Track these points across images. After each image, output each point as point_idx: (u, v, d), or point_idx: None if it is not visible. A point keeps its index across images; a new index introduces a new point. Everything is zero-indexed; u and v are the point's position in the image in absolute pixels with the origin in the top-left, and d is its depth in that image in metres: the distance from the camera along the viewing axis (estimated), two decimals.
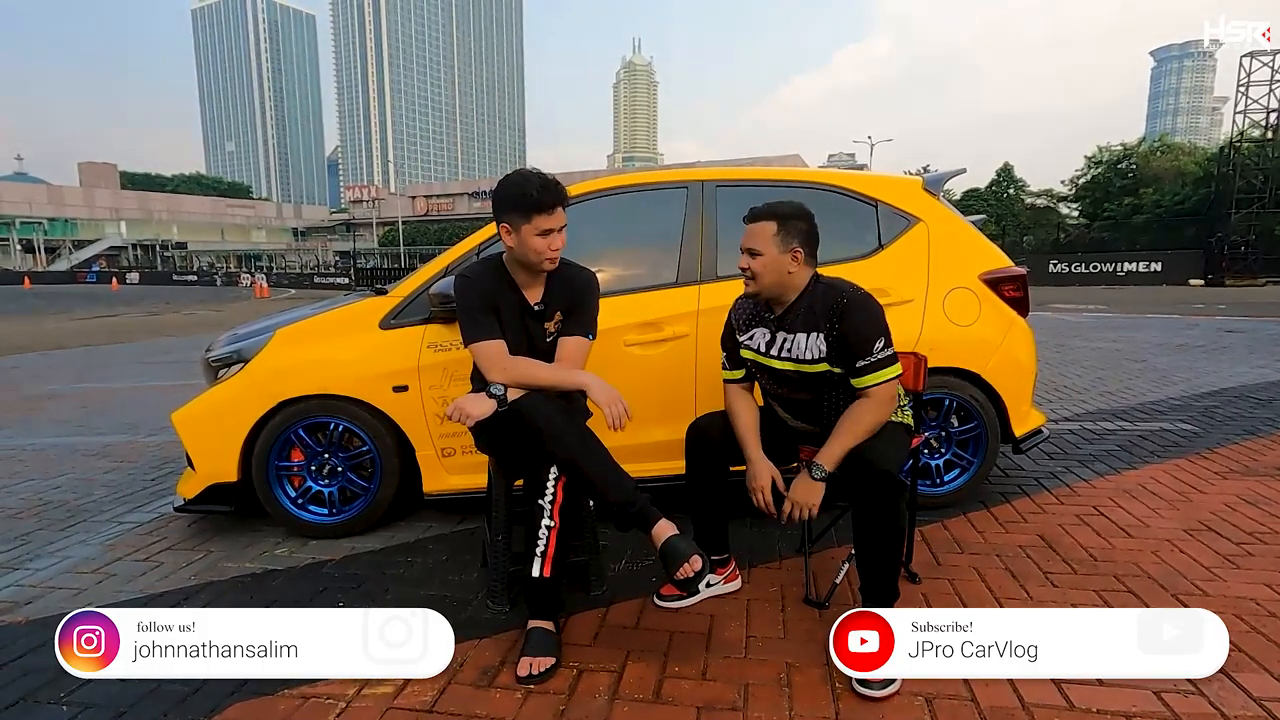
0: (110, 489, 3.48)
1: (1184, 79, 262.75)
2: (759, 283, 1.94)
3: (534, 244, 1.90)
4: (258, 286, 30.31)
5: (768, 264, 1.91)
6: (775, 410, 2.13)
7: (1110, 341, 8.36)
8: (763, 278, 1.93)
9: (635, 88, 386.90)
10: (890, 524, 1.78)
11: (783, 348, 1.98)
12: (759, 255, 1.91)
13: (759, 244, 1.92)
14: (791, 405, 2.06)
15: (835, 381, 1.95)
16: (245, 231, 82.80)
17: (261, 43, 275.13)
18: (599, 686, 1.74)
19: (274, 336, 2.74)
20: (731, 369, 2.14)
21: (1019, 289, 2.90)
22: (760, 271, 1.92)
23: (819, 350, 1.91)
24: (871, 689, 1.65)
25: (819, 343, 1.91)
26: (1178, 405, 4.75)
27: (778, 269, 1.92)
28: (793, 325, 1.96)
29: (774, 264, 1.91)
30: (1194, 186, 32.17)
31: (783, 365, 1.99)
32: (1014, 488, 3.13)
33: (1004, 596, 2.14)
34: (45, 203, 69.20)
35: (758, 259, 1.92)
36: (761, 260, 1.91)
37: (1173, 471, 3.32)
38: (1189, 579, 2.23)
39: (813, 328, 1.92)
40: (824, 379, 1.95)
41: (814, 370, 1.94)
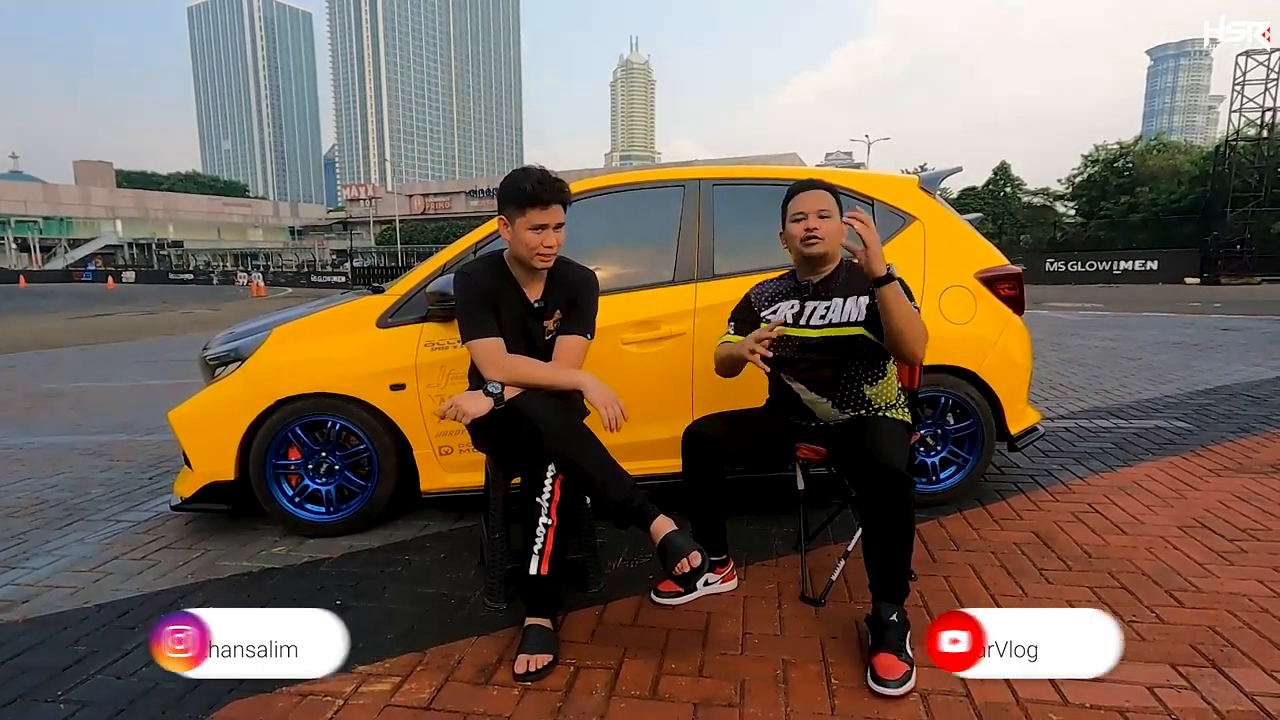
0: (107, 488, 3.47)
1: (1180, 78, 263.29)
2: (826, 244, 2.01)
3: (526, 238, 1.91)
4: (254, 285, 30.26)
5: (836, 228, 2.01)
6: (788, 390, 2.12)
7: (1106, 340, 8.39)
8: (831, 239, 2.01)
9: (633, 86, 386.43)
10: (900, 519, 1.78)
11: (814, 315, 2.05)
12: (829, 217, 2.00)
13: (829, 208, 2.01)
14: (809, 378, 2.07)
15: (859, 350, 2.01)
16: (242, 230, 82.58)
17: (258, 40, 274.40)
18: (596, 683, 1.74)
19: (271, 335, 2.74)
20: (734, 336, 2.14)
21: (1015, 287, 2.91)
22: (830, 233, 2.00)
23: (860, 312, 1.99)
24: (888, 687, 1.65)
25: (859, 304, 1.99)
26: (1173, 403, 4.77)
27: (839, 234, 2.02)
28: (830, 292, 2.04)
29: (838, 229, 2.01)
30: (1190, 185, 32.28)
31: (813, 333, 2.04)
32: (1009, 485, 3.15)
33: (999, 594, 2.15)
34: (40, 201, 68.95)
35: (828, 221, 2.00)
36: (831, 223, 2.00)
37: (1167, 469, 3.33)
38: (1183, 575, 2.24)
39: (855, 292, 2.01)
40: (850, 344, 2.01)
41: (847, 333, 2.00)
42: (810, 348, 2.05)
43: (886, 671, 1.67)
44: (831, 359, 2.03)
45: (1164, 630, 1.92)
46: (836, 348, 2.02)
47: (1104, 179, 38.11)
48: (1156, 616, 1.99)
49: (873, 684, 1.67)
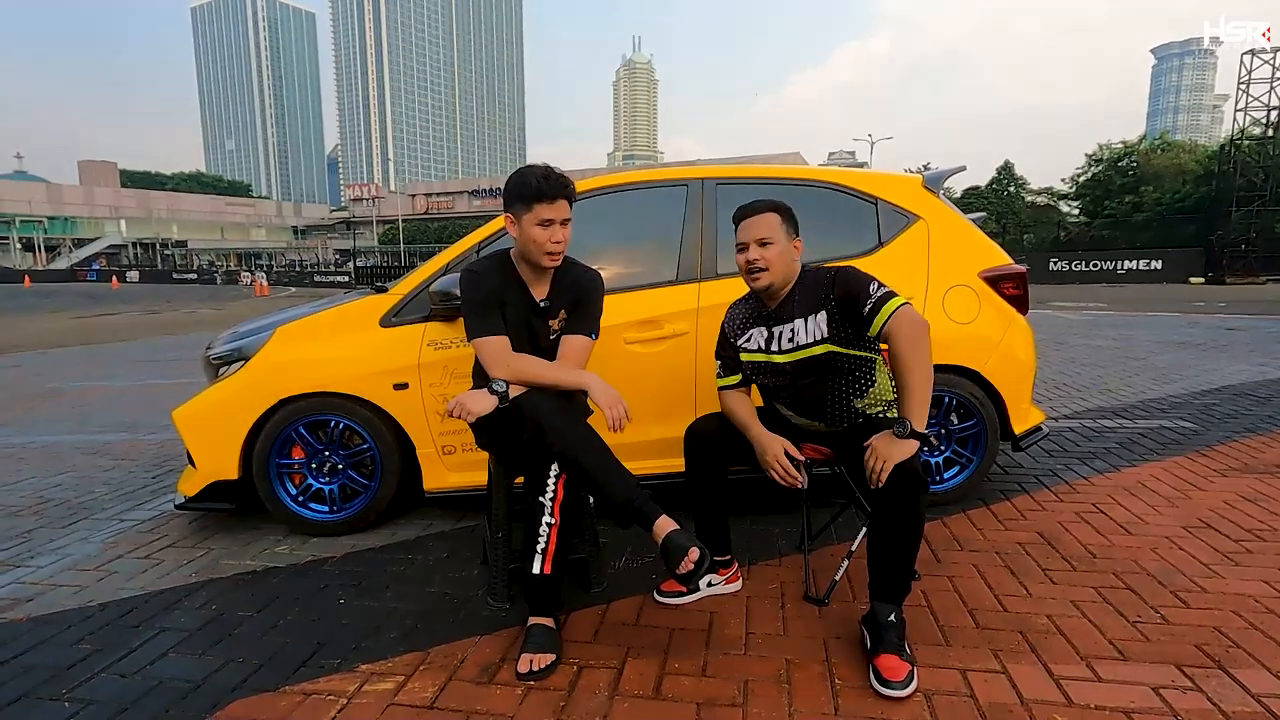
0: (111, 487, 3.48)
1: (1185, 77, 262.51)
2: (772, 273, 1.95)
3: (533, 233, 1.91)
4: (257, 285, 30.31)
5: (780, 252, 1.95)
6: (777, 411, 2.13)
7: (1110, 339, 8.36)
8: (776, 266, 1.94)
9: (635, 86, 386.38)
10: (911, 520, 1.76)
11: (781, 340, 1.99)
12: (771, 244, 1.94)
13: (771, 233, 1.94)
14: (795, 401, 2.05)
15: (837, 366, 1.95)
16: (245, 230, 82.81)
17: (261, 40, 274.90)
18: (599, 683, 1.74)
19: (274, 334, 2.74)
20: (728, 375, 2.14)
21: (1018, 287, 2.90)
22: (774, 260, 1.94)
23: (820, 331, 1.93)
24: (893, 688, 1.64)
25: (820, 322, 1.93)
26: (1177, 403, 4.75)
27: (787, 257, 1.96)
28: (789, 314, 1.98)
29: (784, 252, 1.95)
30: (1195, 184, 32.14)
31: (786, 358, 1.99)
32: (1014, 485, 3.14)
33: (1003, 594, 2.14)
34: (45, 201, 69.23)
35: (771, 248, 1.94)
36: (775, 249, 1.94)
37: (1172, 469, 3.32)
38: (1187, 576, 2.23)
39: (810, 310, 1.94)
40: (827, 362, 1.94)
41: (816, 353, 1.94)
42: (786, 373, 2.01)
43: (890, 673, 1.66)
44: (810, 380, 1.99)
45: (1169, 631, 1.91)
46: (811, 369, 1.97)
47: (1108, 178, 37.97)
48: (1161, 617, 1.98)
49: (877, 685, 1.67)
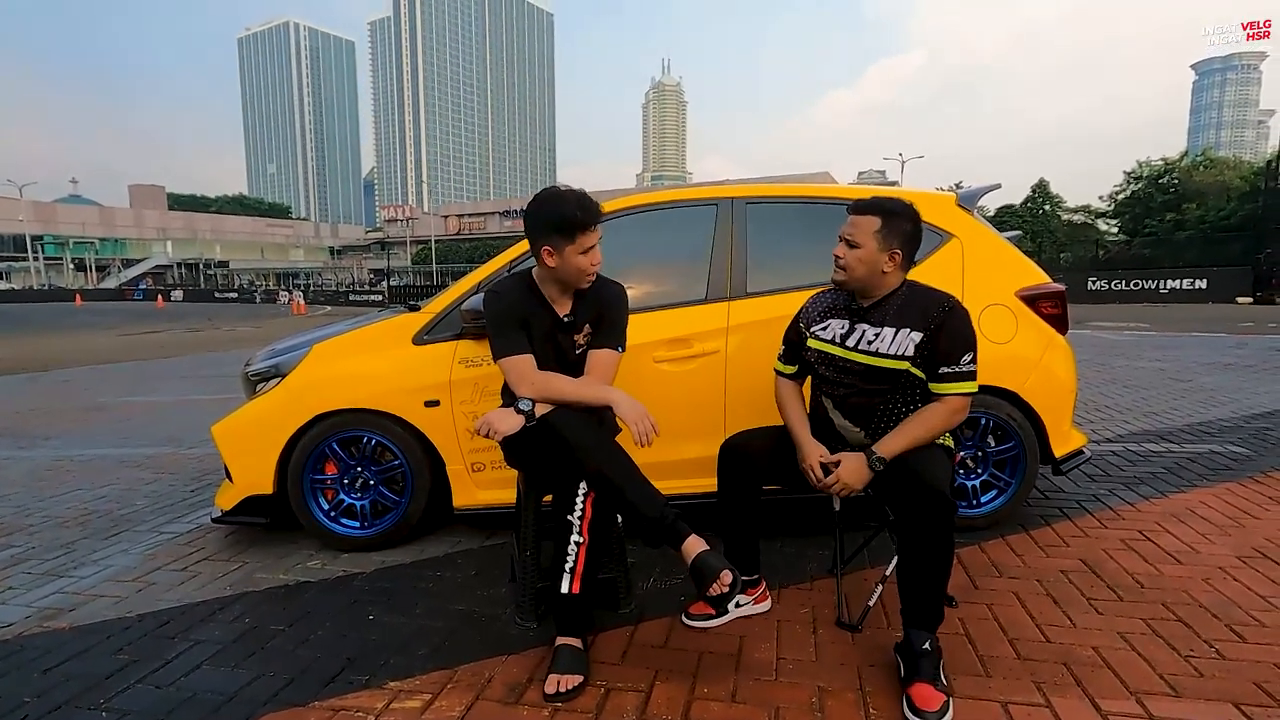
0: (151, 499, 3.57)
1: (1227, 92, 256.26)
2: (848, 274, 1.90)
3: (578, 263, 1.91)
4: (295, 303, 31.07)
5: (863, 258, 1.87)
6: (824, 410, 2.07)
7: (1154, 360, 8.10)
8: (854, 270, 1.88)
9: (664, 107, 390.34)
10: (940, 545, 1.72)
11: (861, 339, 1.93)
12: (857, 248, 1.87)
13: (860, 236, 1.87)
14: (846, 404, 2.00)
15: (902, 384, 1.91)
16: (284, 250, 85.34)
17: (303, 69, 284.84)
18: (627, 706, 1.71)
19: (310, 351, 2.80)
20: (786, 364, 2.12)
21: (1057, 305, 2.83)
22: (853, 264, 1.88)
23: (907, 347, 1.86)
24: (928, 719, 1.59)
25: (910, 339, 1.86)
26: (1227, 427, 4.57)
27: (872, 266, 1.87)
28: (881, 319, 1.91)
29: (870, 260, 1.87)
30: (1240, 201, 31.22)
31: (857, 357, 1.93)
32: (1054, 510, 3.04)
33: (1045, 624, 2.06)
34: (97, 223, 72.39)
35: (855, 251, 1.88)
36: (858, 254, 1.87)
37: (1223, 495, 3.18)
38: (1244, 608, 2.13)
39: (908, 324, 1.87)
40: (894, 378, 1.90)
41: (889, 366, 1.89)
42: (852, 372, 1.96)
43: (925, 702, 1.61)
44: (870, 388, 1.94)
45: (1225, 667, 1.82)
46: (878, 378, 1.92)
47: (1148, 196, 37.12)
48: (1216, 652, 1.89)
49: (910, 715, 1.61)
